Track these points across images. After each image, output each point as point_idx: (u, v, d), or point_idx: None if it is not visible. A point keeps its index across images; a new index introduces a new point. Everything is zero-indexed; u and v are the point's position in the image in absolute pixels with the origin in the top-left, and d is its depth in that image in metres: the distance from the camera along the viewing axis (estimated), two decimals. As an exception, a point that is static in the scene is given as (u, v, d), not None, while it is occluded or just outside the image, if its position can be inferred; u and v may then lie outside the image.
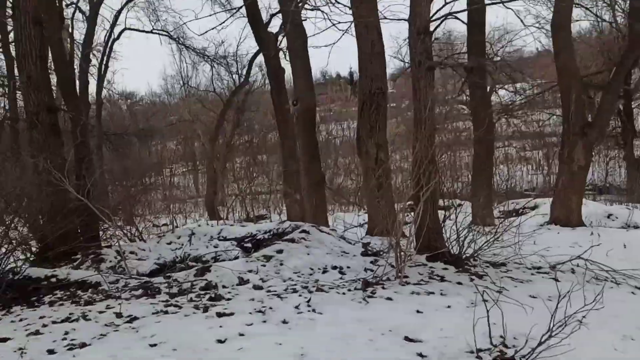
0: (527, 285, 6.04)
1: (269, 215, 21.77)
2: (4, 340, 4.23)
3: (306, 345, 4.02)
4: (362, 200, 18.21)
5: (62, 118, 10.41)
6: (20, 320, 4.84)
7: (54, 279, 5.86)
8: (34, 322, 4.74)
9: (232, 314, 4.77)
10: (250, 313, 4.79)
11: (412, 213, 6.75)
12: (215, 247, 9.15)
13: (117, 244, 7.59)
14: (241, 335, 4.24)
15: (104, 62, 25.02)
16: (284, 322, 4.56)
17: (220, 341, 4.10)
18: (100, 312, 4.91)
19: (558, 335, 3.85)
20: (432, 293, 5.52)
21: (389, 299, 5.30)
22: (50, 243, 7.78)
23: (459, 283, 5.92)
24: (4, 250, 5.91)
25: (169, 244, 9.13)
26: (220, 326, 4.44)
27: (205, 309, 4.88)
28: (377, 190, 9.31)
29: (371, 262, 6.70)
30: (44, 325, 4.59)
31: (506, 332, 4.26)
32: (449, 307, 5.11)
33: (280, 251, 6.54)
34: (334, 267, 6.39)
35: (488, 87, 13.97)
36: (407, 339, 4.26)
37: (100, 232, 10.06)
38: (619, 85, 12.51)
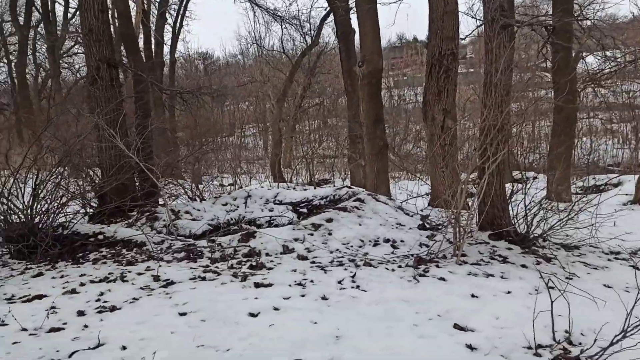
0: (602, 273, 5.39)
1: (333, 179, 21.52)
2: (40, 297, 4.18)
3: (343, 326, 3.69)
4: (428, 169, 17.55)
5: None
6: (62, 277, 4.81)
7: (101, 236, 5.83)
8: (73, 279, 4.69)
9: (270, 285, 4.51)
10: (289, 285, 4.51)
11: (476, 185, 6.20)
12: (270, 210, 8.98)
13: (166, 204, 7.48)
14: (276, 309, 3.97)
15: (179, 21, 25.34)
16: (324, 297, 4.25)
17: (252, 315, 3.85)
18: (139, 274, 4.79)
19: (634, 336, 3.30)
20: (492, 275, 5.02)
21: (442, 279, 4.85)
22: (107, 198, 7.86)
23: (523, 266, 5.36)
24: (55, 204, 5.91)
25: (225, 205, 9.05)
26: (256, 298, 4.18)
27: (244, 278, 4.64)
28: (441, 159, 8.76)
29: (428, 237, 6.24)
30: (82, 284, 4.52)
31: (572, 327, 3.74)
32: (509, 292, 4.60)
33: (330, 220, 6.20)
34: (387, 240, 5.99)
35: (573, 52, 12.80)
36: (457, 326, 3.84)
37: (160, 190, 10.18)
38: None
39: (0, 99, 27.79)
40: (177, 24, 25.83)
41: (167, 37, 24.81)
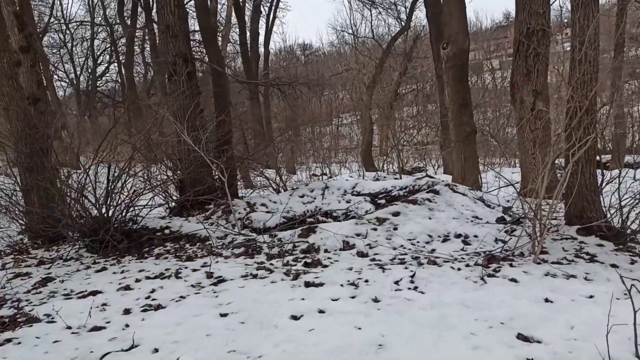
0: None
1: (426, 168, 20.83)
2: (95, 293, 4.27)
3: (389, 333, 3.39)
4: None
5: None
6: (122, 272, 4.91)
7: (167, 231, 5.92)
8: (131, 275, 4.76)
9: (321, 284, 4.29)
10: (341, 285, 4.26)
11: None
12: (347, 202, 8.77)
13: (228, 198, 7.48)
14: (321, 312, 3.74)
15: (272, 14, 25.74)
16: (375, 300, 3.95)
17: (294, 317, 3.65)
18: (194, 270, 4.77)
19: None
20: (574, 277, 4.45)
21: (514, 280, 4.37)
22: (186, 191, 8.04)
23: (614, 266, 4.71)
24: (127, 197, 6.08)
25: (302, 197, 8.97)
26: (303, 298, 3.98)
27: (296, 276, 4.46)
28: (532, 144, 8.05)
29: (506, 232, 5.70)
30: (137, 281, 4.57)
31: (660, 343, 3.18)
32: (591, 297, 4.04)
33: (396, 214, 5.86)
34: (458, 236, 5.54)
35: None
36: (520, 336, 3.39)
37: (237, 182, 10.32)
38: None
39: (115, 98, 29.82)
40: (271, 16, 26.27)
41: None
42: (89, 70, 29.29)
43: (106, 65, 30.99)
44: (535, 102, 8.38)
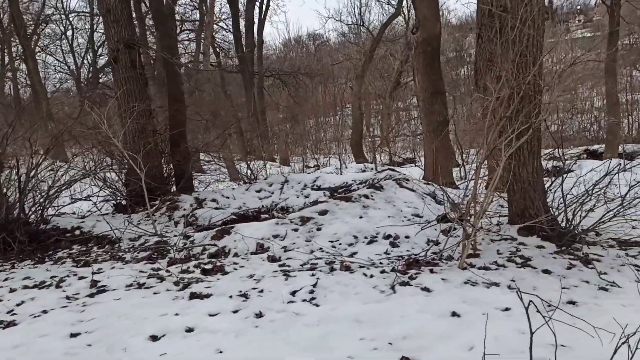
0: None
1: (415, 159, 20.25)
2: (-44, 306, 3.84)
3: (254, 358, 2.94)
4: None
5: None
6: (6, 279, 4.48)
7: (77, 231, 5.49)
8: (14, 283, 4.34)
9: (208, 296, 3.83)
10: (230, 297, 3.80)
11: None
12: (306, 197, 8.31)
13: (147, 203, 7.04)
14: (188, 330, 3.29)
15: (265, 2, 25.17)
16: (259, 315, 3.49)
17: (154, 338, 3.19)
18: (81, 278, 4.33)
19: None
20: (496, 285, 3.95)
21: (426, 289, 3.88)
22: (133, 186, 7.60)
23: (546, 272, 4.20)
24: (41, 196, 5.66)
25: (259, 191, 8.53)
26: (177, 314, 3.52)
27: (185, 286, 4.00)
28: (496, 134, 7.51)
29: (443, 232, 5.20)
30: (12, 291, 4.14)
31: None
32: (507, 310, 3.54)
33: (324, 212, 5.37)
34: (388, 237, 5.04)
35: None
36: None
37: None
38: None
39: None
40: (264, 5, 25.75)
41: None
42: (89, 62, 28.92)
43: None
44: (501, 89, 7.80)
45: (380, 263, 4.44)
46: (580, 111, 24.68)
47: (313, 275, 4.16)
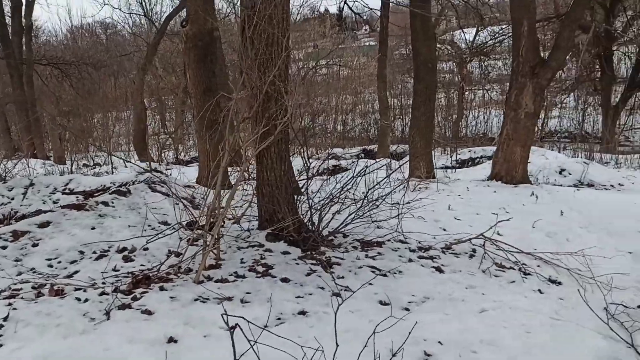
0: (389, 281, 4.16)
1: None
2: None
3: None
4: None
5: None
6: None
7: None
8: None
9: None
10: None
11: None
12: (54, 202, 7.22)
13: None
14: None
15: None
16: None
17: None
18: None
19: None
20: (229, 299, 3.63)
21: (147, 312, 3.39)
22: None
23: (285, 280, 4.01)
24: None
25: (-6, 197, 7.18)
26: None
27: None
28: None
29: (188, 240, 4.76)
30: None
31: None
32: (233, 328, 3.22)
33: (45, 224, 4.57)
34: (122, 250, 4.43)
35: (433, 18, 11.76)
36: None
37: None
38: (578, 16, 10.16)
39: None
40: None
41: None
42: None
43: None
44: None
45: (103, 283, 3.82)
46: (362, 113, 26.50)
47: (9, 305, 3.38)
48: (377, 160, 10.95)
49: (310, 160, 10.16)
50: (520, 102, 9.11)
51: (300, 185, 5.32)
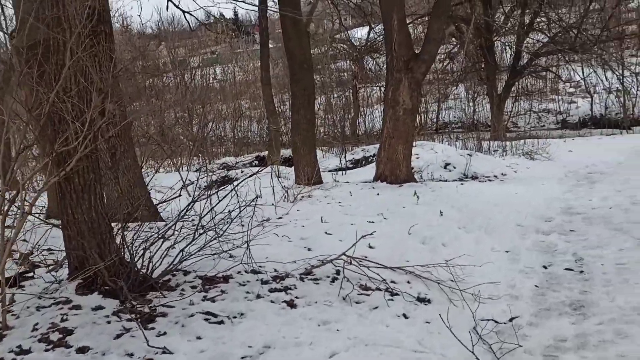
0: (227, 330, 3.39)
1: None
2: None
3: None
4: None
5: None
6: None
7: None
8: None
9: None
10: None
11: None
12: None
13: None
14: None
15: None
16: None
17: None
18: None
19: None
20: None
21: None
22: None
23: (82, 350, 3.12)
24: None
25: None
26: None
27: None
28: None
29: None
30: None
31: None
32: None
33: None
34: None
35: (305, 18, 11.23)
36: None
37: None
38: (446, 9, 9.96)
39: None
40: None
41: None
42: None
43: None
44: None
45: None
46: (259, 118, 25.56)
47: None
48: (260, 169, 10.21)
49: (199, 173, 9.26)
50: (397, 98, 8.71)
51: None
